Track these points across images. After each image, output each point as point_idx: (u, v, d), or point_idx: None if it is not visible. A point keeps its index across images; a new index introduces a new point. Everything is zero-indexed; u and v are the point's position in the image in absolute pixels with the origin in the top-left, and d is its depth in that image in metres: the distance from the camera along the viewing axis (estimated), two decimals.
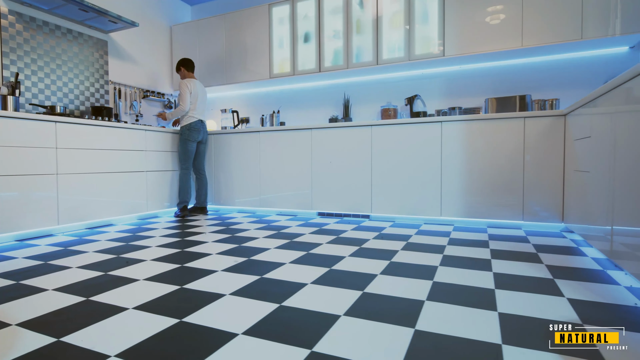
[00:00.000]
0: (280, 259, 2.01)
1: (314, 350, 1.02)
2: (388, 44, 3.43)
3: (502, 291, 1.48)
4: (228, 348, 1.04)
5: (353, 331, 1.14)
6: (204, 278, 1.68)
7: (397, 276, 1.69)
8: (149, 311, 1.31)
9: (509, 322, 1.20)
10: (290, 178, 3.60)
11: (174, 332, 1.15)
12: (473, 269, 1.78)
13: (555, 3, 2.86)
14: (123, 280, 1.66)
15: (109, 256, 2.10)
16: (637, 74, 1.44)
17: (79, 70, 3.52)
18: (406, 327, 1.17)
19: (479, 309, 1.31)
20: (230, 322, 1.21)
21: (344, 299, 1.41)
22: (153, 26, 4.36)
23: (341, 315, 1.26)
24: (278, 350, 1.03)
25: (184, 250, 2.23)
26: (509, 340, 1.07)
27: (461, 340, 1.07)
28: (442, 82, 3.60)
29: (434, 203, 3.04)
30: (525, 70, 3.29)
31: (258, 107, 4.51)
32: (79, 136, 2.85)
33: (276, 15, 3.91)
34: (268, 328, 1.17)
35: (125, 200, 3.25)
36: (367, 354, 1.00)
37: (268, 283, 1.61)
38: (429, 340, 1.08)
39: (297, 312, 1.29)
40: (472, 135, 2.91)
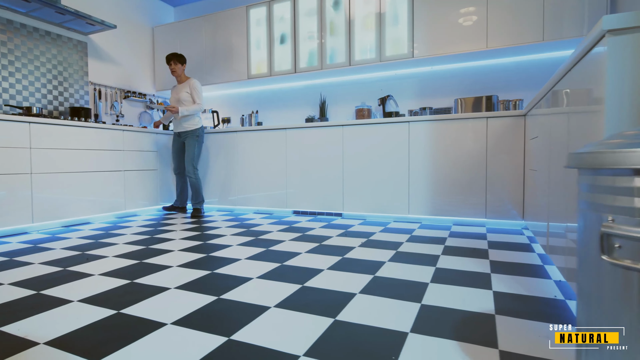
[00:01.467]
0: (239, 255, 2.08)
1: (232, 338, 1.09)
2: (360, 45, 3.50)
3: (435, 285, 1.55)
4: (155, 335, 1.11)
5: (278, 321, 1.21)
6: (157, 273, 1.75)
7: (342, 271, 1.76)
8: (92, 303, 1.38)
9: (426, 312, 1.27)
10: (266, 177, 3.67)
11: (110, 321, 1.22)
12: (418, 265, 1.85)
13: (519, 6, 2.93)
14: (78, 275, 1.73)
15: (73, 253, 2.17)
16: (560, 77, 1.51)
17: (58, 71, 3.58)
18: (328, 317, 1.24)
19: (405, 301, 1.38)
20: (162, 313, 1.28)
21: (283, 292, 1.48)
22: (135, 27, 4.42)
23: (271, 307, 1.33)
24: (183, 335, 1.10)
25: (149, 247, 2.30)
26: (417, 329, 1.14)
27: (373, 329, 1.14)
28: (414, 82, 3.67)
29: (402, 202, 3.11)
30: (493, 71, 3.36)
31: (239, 107, 4.58)
32: (54, 136, 2.92)
33: (254, 16, 3.98)
34: (198, 318, 1.24)
35: (103, 199, 3.32)
36: (285, 341, 1.07)
37: (217, 277, 1.68)
38: (343, 329, 1.15)
39: (234, 304, 1.36)
40: (438, 135, 2.98)
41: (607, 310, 0.60)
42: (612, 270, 0.58)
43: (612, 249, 0.56)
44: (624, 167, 0.54)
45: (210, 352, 1.01)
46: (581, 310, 0.69)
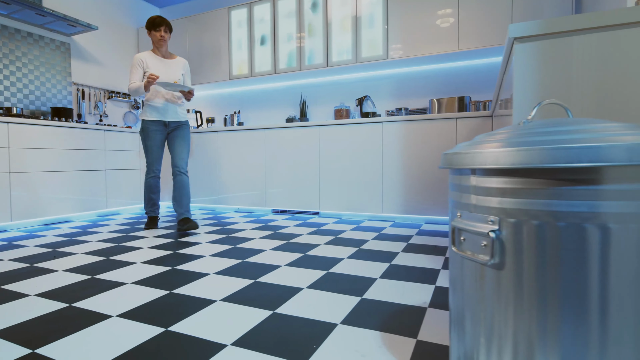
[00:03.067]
0: (204, 252, 2.14)
1: (170, 329, 1.15)
2: (337, 46, 3.56)
3: (383, 280, 1.61)
4: (97, 326, 1.17)
5: (218, 314, 1.27)
6: (120, 269, 1.81)
7: (299, 267, 1.82)
8: (47, 297, 1.44)
9: (363, 306, 1.33)
10: (247, 176, 3.73)
11: (59, 314, 1.28)
12: (374, 261, 1.91)
13: (488, 9, 2.98)
14: (42, 271, 1.79)
15: (45, 250, 2.23)
16: (500, 80, 1.57)
17: (40, 72, 3.64)
18: (268, 310, 1.30)
19: (347, 295, 1.44)
20: (111, 306, 1.34)
21: (234, 286, 1.54)
22: (119, 28, 4.47)
23: (217, 300, 1.39)
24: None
25: (120, 244, 2.36)
26: (347, 321, 1.20)
27: (306, 321, 1.20)
28: (391, 83, 3.73)
29: (376, 201, 3.17)
30: (466, 72, 3.42)
31: (222, 108, 4.64)
32: (33, 136, 2.97)
33: (235, 18, 4.03)
34: (143, 311, 1.29)
35: (84, 197, 3.37)
36: (219, 331, 1.13)
37: (176, 273, 1.74)
38: (277, 321, 1.21)
39: (183, 298, 1.42)
40: (410, 135, 3.04)
41: (465, 297, 0.66)
42: (460, 261, 0.64)
43: (460, 242, 0.62)
44: (464, 167, 0.60)
45: (143, 342, 1.07)
46: (451, 297, 0.75)
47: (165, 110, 2.81)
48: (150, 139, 2.79)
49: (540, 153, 0.49)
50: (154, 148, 2.81)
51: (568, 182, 0.50)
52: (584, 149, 0.47)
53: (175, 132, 2.88)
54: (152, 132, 2.78)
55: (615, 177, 0.48)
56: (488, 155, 0.55)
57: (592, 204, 0.48)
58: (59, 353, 1.02)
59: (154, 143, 2.81)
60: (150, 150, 2.80)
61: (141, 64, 2.76)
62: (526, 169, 0.52)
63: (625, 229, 0.48)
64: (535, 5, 2.83)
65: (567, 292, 0.50)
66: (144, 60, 2.77)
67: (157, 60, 2.82)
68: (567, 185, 0.50)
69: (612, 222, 0.48)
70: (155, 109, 2.79)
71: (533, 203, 0.52)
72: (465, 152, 0.60)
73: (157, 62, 2.81)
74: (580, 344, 0.50)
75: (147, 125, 2.78)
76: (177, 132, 2.88)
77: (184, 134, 2.89)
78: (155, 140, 2.81)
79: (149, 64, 2.77)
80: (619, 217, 0.48)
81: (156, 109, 2.79)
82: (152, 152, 2.81)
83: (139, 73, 2.75)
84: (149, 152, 2.80)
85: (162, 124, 2.83)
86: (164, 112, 2.81)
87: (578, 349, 0.50)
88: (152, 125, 2.78)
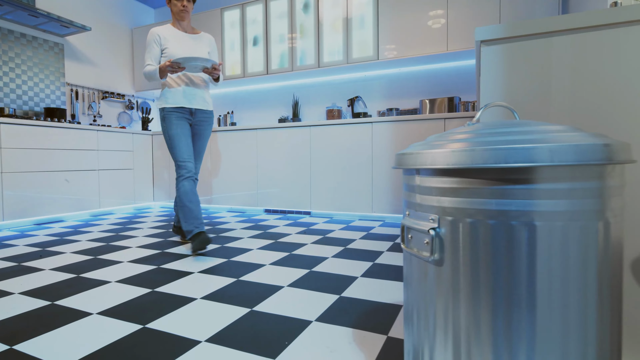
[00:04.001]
0: (190, 252, 2.16)
1: (147, 326, 1.18)
2: (329, 47, 3.58)
3: (364, 278, 1.64)
4: (76, 323, 1.19)
5: (197, 312, 1.30)
6: (106, 268, 1.83)
7: (283, 266, 1.84)
8: (31, 295, 1.46)
9: (340, 304, 1.35)
10: (239, 176, 3.75)
11: (41, 312, 1.30)
12: (358, 260, 1.94)
13: (477, 10, 3.01)
14: (29, 270, 1.81)
15: (34, 249, 2.25)
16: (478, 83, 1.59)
17: (34, 72, 3.66)
18: (245, 308, 1.32)
19: (326, 293, 1.46)
20: (93, 304, 1.36)
21: (216, 285, 1.56)
22: (113, 29, 4.49)
23: (198, 298, 1.42)
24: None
25: (109, 244, 2.38)
26: (322, 318, 1.22)
27: (281, 318, 1.23)
28: (383, 84, 3.75)
29: (366, 200, 3.20)
30: (457, 73, 3.44)
31: (216, 108, 4.66)
32: (25, 136, 3.00)
33: (228, 19, 4.05)
34: (124, 308, 1.32)
35: (77, 197, 3.39)
36: (194, 328, 1.16)
37: (161, 272, 1.76)
38: (253, 319, 1.23)
39: (164, 296, 1.44)
40: (399, 135, 3.06)
41: (413, 293, 0.68)
42: (409, 258, 0.66)
43: (408, 240, 0.65)
44: (410, 167, 0.62)
45: (119, 339, 1.10)
46: (404, 293, 0.77)
47: (191, 95, 2.24)
48: (176, 126, 2.18)
49: (471, 154, 0.52)
50: (183, 137, 2.19)
51: (497, 182, 0.52)
52: (510, 150, 0.49)
53: (198, 127, 2.33)
54: (176, 118, 2.20)
55: (540, 177, 0.50)
56: (427, 156, 0.57)
57: (519, 203, 0.51)
58: (36, 349, 1.04)
59: (182, 131, 2.20)
60: (179, 140, 2.17)
61: (157, 40, 2.22)
62: (460, 169, 0.54)
63: (550, 227, 0.50)
64: (523, 6, 2.86)
65: (498, 287, 0.52)
66: (160, 36, 2.22)
67: (178, 36, 2.25)
68: (497, 185, 0.52)
69: (538, 220, 0.50)
70: (178, 93, 2.21)
71: (467, 202, 0.54)
72: (411, 153, 0.62)
73: (178, 37, 2.25)
74: (511, 336, 0.52)
75: (168, 114, 2.19)
76: (201, 129, 2.34)
77: (207, 133, 2.38)
78: (183, 128, 2.21)
79: (168, 40, 2.21)
80: (544, 216, 0.50)
81: (180, 94, 2.21)
82: (181, 142, 2.18)
83: (154, 52, 2.21)
84: (177, 144, 2.17)
85: (187, 111, 2.25)
86: (190, 97, 2.24)
87: (510, 341, 0.52)
88: (175, 112, 2.20)
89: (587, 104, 0.93)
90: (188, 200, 2.14)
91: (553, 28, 0.95)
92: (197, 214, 2.14)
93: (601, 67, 0.91)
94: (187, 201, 2.13)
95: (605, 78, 0.90)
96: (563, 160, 0.48)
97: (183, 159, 2.18)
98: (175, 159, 2.19)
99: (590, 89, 0.92)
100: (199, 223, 2.14)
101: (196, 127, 2.33)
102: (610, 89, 0.90)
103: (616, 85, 0.89)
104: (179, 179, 2.17)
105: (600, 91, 0.91)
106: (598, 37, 0.91)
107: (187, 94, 2.23)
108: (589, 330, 0.51)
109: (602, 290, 0.52)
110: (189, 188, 2.16)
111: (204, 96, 2.32)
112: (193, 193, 2.17)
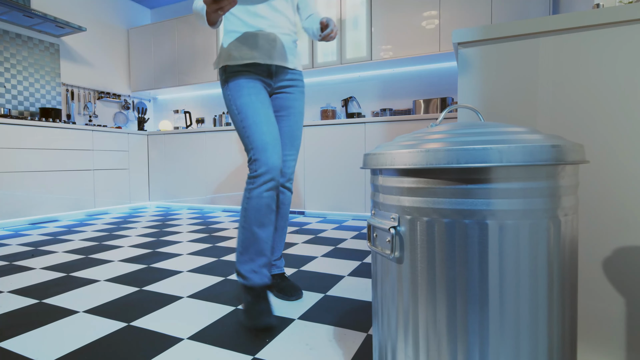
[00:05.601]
0: (182, 251, 2.18)
1: (132, 324, 1.19)
2: (323, 48, 3.60)
3: (350, 277, 1.65)
4: (63, 321, 1.21)
5: (183, 309, 1.31)
6: (96, 267, 1.85)
7: None
8: (20, 294, 1.48)
9: (325, 302, 1.37)
10: (234, 176, 3.77)
11: (29, 310, 1.32)
12: (346, 259, 1.95)
13: (468, 11, 3.02)
14: (20, 269, 1.82)
15: (26, 248, 2.26)
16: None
17: (29, 73, 3.67)
18: (231, 306, 1.34)
19: (312, 291, 1.48)
20: (80, 302, 1.38)
21: (204, 283, 1.58)
22: (109, 29, 4.51)
23: (184, 297, 1.43)
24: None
25: (102, 243, 2.40)
26: (305, 316, 1.24)
27: None
28: (377, 84, 3.77)
29: (359, 200, 3.21)
30: (450, 73, 3.46)
31: (212, 108, 4.67)
32: (21, 136, 3.01)
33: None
34: (111, 307, 1.33)
35: (72, 197, 3.41)
36: (179, 326, 1.17)
37: (150, 271, 1.77)
38: (238, 317, 1.25)
39: (152, 294, 1.46)
40: (392, 135, 3.08)
41: (378, 290, 0.70)
42: (375, 256, 0.68)
43: (373, 238, 0.66)
44: (374, 168, 0.64)
45: (103, 336, 1.11)
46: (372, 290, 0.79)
47: (269, 46, 1.33)
48: (247, 92, 1.29)
49: (425, 155, 0.53)
50: (260, 109, 1.28)
51: (451, 182, 0.54)
52: (460, 151, 0.51)
53: (284, 97, 1.41)
54: (246, 81, 1.30)
55: (490, 177, 0.52)
56: (387, 156, 0.59)
57: (471, 202, 0.52)
58: (21, 346, 1.06)
59: (258, 99, 1.29)
60: (253, 113, 1.27)
61: None
62: (415, 169, 0.56)
63: (501, 225, 0.52)
64: (514, 7, 2.88)
65: (454, 285, 0.54)
66: None
67: None
68: (450, 185, 0.53)
69: (490, 219, 0.52)
70: (246, 41, 1.30)
71: (423, 201, 0.56)
72: (374, 154, 0.64)
73: None
74: (467, 332, 0.54)
75: (233, 76, 1.31)
76: (288, 100, 1.42)
77: (299, 107, 1.45)
78: (259, 95, 1.31)
79: None
80: (496, 214, 0.52)
81: (249, 42, 1.30)
82: (258, 115, 1.27)
83: None
84: (251, 119, 1.26)
85: (263, 70, 1.34)
86: (267, 49, 1.32)
87: (465, 336, 0.54)
88: (244, 71, 1.31)
89: (561, 105, 0.94)
90: (257, 223, 1.25)
91: (528, 30, 0.97)
92: (266, 245, 1.27)
93: (579, 68, 0.92)
94: (256, 223, 1.25)
95: (582, 80, 0.92)
96: (511, 161, 0.50)
97: (262, 146, 1.24)
98: (248, 146, 1.26)
99: (569, 91, 0.94)
100: (265, 264, 1.27)
101: (280, 98, 1.41)
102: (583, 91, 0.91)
103: (591, 87, 0.91)
104: (252, 187, 1.26)
105: (574, 92, 0.92)
106: (578, 38, 0.93)
107: (262, 43, 1.30)
108: (540, 325, 0.53)
109: (552, 286, 0.53)
110: (266, 203, 1.25)
111: (293, 49, 1.40)
112: (270, 210, 1.26)
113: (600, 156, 0.88)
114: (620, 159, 0.87)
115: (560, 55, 0.94)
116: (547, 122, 0.95)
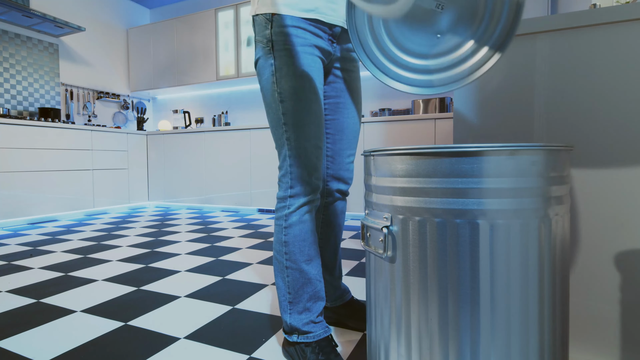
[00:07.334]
0: (181, 250, 2.18)
1: (129, 323, 1.20)
2: None
3: (348, 277, 1.66)
4: (60, 320, 1.21)
5: (181, 308, 1.32)
6: (94, 267, 1.85)
7: (270, 265, 1.86)
8: (17, 293, 1.48)
9: None
10: (233, 176, 3.77)
11: (27, 309, 1.32)
12: (344, 259, 1.96)
13: None
14: (18, 269, 1.83)
15: (25, 248, 2.27)
16: None
17: (28, 73, 3.67)
18: (228, 305, 1.34)
19: None
20: (77, 302, 1.38)
21: (201, 283, 1.59)
22: (108, 29, 4.51)
23: (181, 296, 1.44)
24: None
25: (100, 243, 2.40)
26: None
27: (259, 315, 1.25)
28: (376, 84, 3.77)
29: (359, 198, 3.22)
30: None
31: (211, 108, 4.68)
32: (18, 136, 3.02)
33: (222, 19, 4.07)
34: (107, 307, 1.34)
35: (71, 197, 3.41)
36: (175, 325, 1.18)
37: (149, 271, 1.78)
38: (234, 316, 1.25)
39: (150, 294, 1.46)
40: (390, 135, 3.08)
41: (371, 288, 0.70)
42: (368, 255, 0.68)
43: (367, 238, 0.67)
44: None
45: (100, 335, 1.12)
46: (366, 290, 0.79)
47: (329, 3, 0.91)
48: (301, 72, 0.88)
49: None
50: (314, 102, 0.90)
51: (443, 181, 0.54)
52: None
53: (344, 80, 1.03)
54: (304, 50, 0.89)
55: (481, 177, 0.52)
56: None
57: (463, 202, 0.53)
58: (17, 345, 1.06)
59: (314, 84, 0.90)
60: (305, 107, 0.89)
61: None
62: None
63: (492, 225, 0.52)
64: None
65: (445, 284, 0.54)
66: None
67: None
68: (442, 184, 0.54)
69: (480, 218, 0.52)
70: None
71: (416, 201, 0.56)
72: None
73: None
74: (458, 331, 0.54)
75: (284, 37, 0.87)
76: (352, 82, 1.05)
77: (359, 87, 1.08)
78: (318, 76, 0.91)
79: None
80: (486, 214, 0.52)
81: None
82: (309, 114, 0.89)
83: None
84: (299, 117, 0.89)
85: (325, 32, 0.93)
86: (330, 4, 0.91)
87: (457, 335, 0.54)
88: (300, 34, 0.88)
89: (558, 104, 0.95)
90: (305, 257, 0.93)
91: (525, 30, 0.97)
92: (320, 285, 0.96)
93: (576, 68, 0.93)
94: (304, 258, 0.93)
95: (579, 79, 0.92)
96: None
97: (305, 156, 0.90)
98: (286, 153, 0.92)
99: (566, 90, 0.94)
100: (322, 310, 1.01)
101: (343, 78, 1.03)
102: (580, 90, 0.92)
103: (588, 87, 0.91)
104: (289, 211, 0.92)
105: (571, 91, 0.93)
106: (575, 37, 0.93)
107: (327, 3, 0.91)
108: (531, 324, 0.53)
109: (543, 285, 0.54)
110: (311, 229, 0.94)
111: None
112: (316, 237, 0.96)
113: (598, 156, 0.89)
114: (617, 158, 0.87)
115: (557, 54, 0.94)
116: (543, 122, 0.96)
